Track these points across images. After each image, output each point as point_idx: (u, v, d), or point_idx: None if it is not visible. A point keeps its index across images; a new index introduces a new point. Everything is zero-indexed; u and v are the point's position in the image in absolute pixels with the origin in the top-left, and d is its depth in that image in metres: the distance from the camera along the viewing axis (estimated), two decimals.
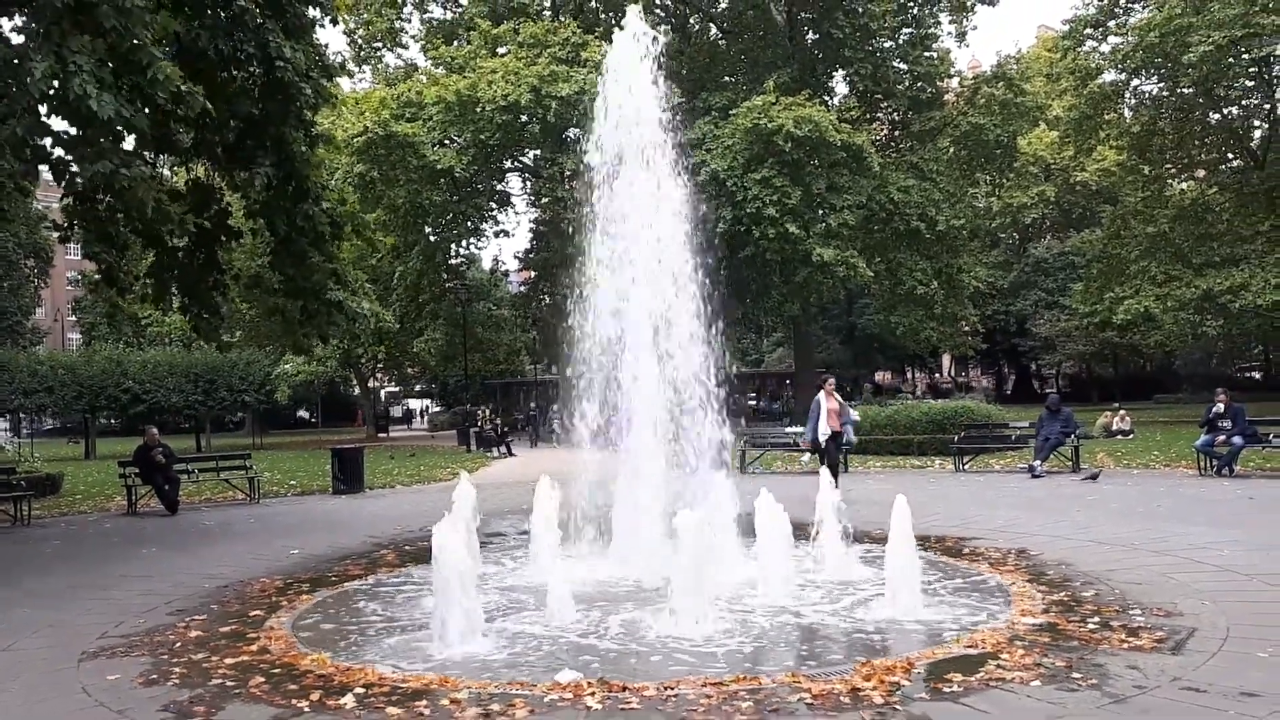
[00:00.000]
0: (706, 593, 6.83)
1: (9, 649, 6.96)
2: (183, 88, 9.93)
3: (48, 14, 9.25)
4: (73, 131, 10.08)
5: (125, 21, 9.33)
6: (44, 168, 11.01)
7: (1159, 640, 6.05)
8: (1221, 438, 15.93)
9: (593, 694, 5.25)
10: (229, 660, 6.36)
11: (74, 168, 10.48)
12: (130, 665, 6.40)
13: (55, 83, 9.11)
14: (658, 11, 37.39)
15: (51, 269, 56.75)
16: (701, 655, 6.13)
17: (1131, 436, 25.33)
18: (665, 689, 5.31)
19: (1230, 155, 33.72)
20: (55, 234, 14.27)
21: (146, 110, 10.24)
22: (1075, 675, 5.38)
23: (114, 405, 38.07)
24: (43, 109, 9.91)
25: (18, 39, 10.40)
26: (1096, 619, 6.66)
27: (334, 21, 14.12)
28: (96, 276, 13.88)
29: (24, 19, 10.40)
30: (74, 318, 68.52)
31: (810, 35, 34.95)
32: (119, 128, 9.74)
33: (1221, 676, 5.28)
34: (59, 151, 10.48)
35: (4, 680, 6.16)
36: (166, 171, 16.65)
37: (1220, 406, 16.16)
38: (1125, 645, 5.97)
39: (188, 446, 34.22)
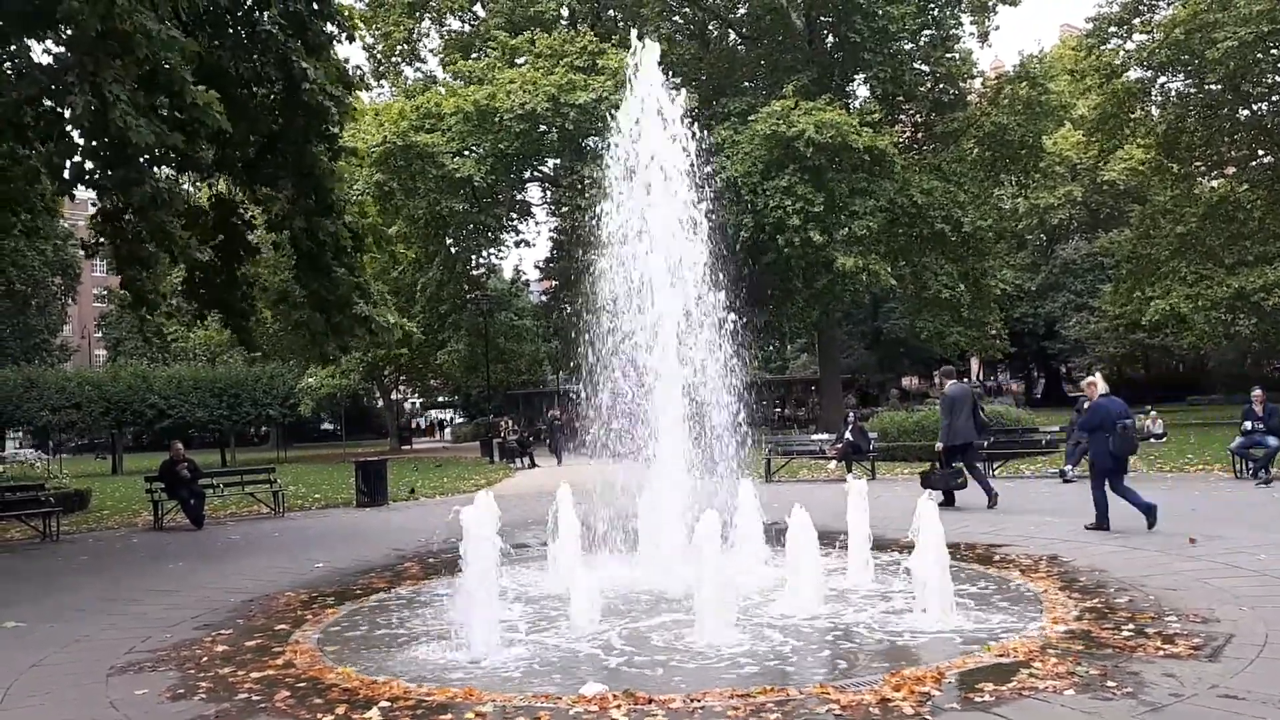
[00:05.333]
0: (732, 602, 6.75)
1: (38, 664, 6.99)
2: (215, 108, 10.07)
3: (83, 43, 9.41)
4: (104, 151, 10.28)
5: (158, 49, 9.48)
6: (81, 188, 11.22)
7: (1196, 647, 5.92)
8: (1241, 440, 15.74)
9: (618, 707, 5.19)
10: (255, 674, 6.36)
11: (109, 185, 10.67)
12: (157, 680, 6.42)
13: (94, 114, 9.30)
14: (676, 19, 37.46)
15: (78, 285, 57.39)
16: (728, 666, 6.06)
17: (1164, 439, 24.95)
18: (692, 701, 5.24)
19: (1260, 151, 33.23)
20: (82, 250, 14.51)
21: (174, 130, 10.40)
22: (1110, 684, 5.27)
23: (140, 421, 38.41)
24: (77, 133, 10.12)
25: (45, 59, 10.58)
26: (1131, 626, 6.53)
27: (350, 38, 14.23)
28: (126, 294, 14.09)
29: (60, 49, 10.57)
30: (100, 334, 69.29)
31: (829, 39, 34.86)
32: (156, 151, 9.94)
33: (1261, 683, 5.16)
34: (89, 168, 10.68)
35: (33, 695, 6.20)
36: (189, 188, 16.85)
37: (1258, 407, 15.85)
38: (1161, 653, 5.85)
39: (213, 461, 34.45)
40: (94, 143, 10.22)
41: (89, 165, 10.54)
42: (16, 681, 6.50)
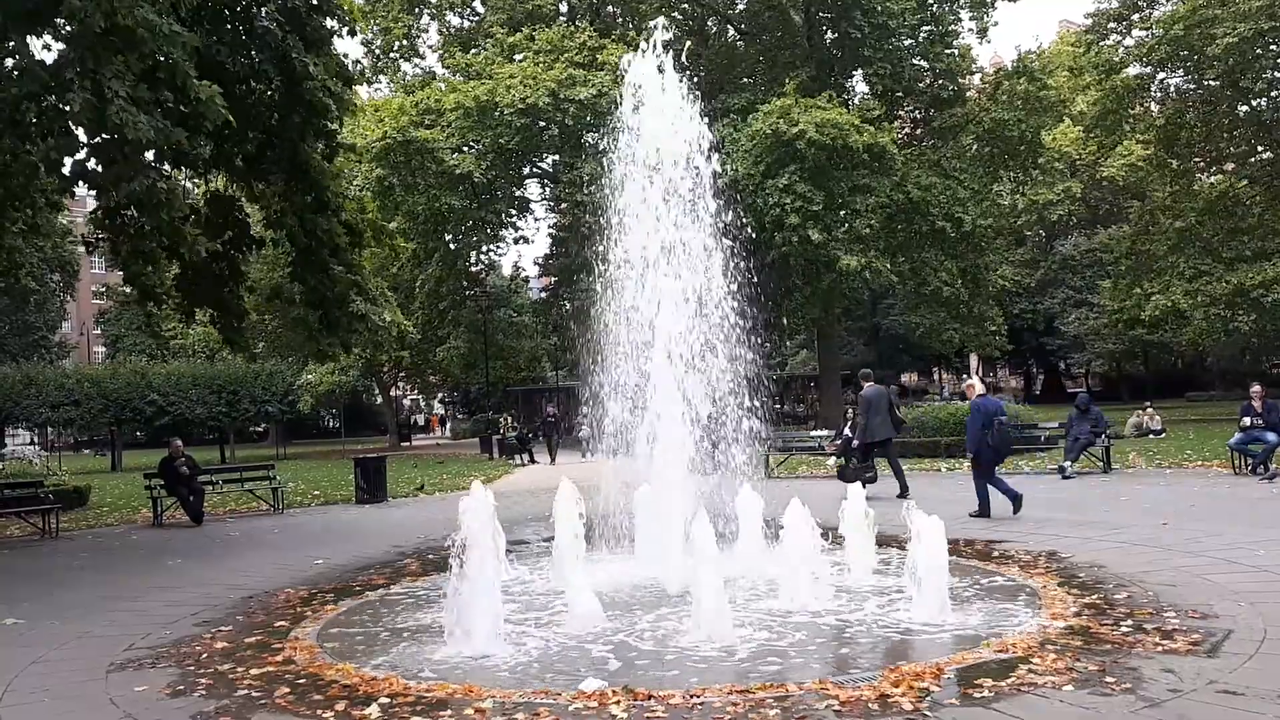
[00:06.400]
0: (729, 598, 6.76)
1: (38, 660, 7.00)
2: (217, 102, 10.06)
3: (85, 40, 9.40)
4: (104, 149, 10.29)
5: (161, 44, 9.48)
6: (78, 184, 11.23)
7: (1194, 643, 5.93)
8: (1239, 435, 15.78)
9: (618, 703, 5.20)
10: (255, 671, 6.36)
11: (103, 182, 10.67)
12: (157, 676, 6.43)
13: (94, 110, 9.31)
14: (675, 15, 37.40)
15: (77, 282, 57.27)
16: (728, 662, 6.07)
17: (1163, 435, 24.99)
18: (691, 697, 5.25)
19: (1260, 147, 33.20)
20: (82, 247, 14.49)
21: (174, 124, 10.38)
22: (1109, 679, 5.28)
23: (139, 418, 38.38)
24: (80, 130, 10.11)
25: (47, 55, 10.58)
26: (1130, 622, 6.54)
27: (351, 33, 14.21)
28: (130, 290, 14.09)
29: (62, 45, 10.56)
30: (99, 331, 69.18)
31: (828, 35, 34.80)
32: (158, 147, 9.94)
33: (1259, 679, 5.17)
34: (91, 165, 10.69)
35: (33, 691, 6.21)
36: (188, 184, 16.83)
37: (1256, 403, 15.81)
38: (1159, 648, 5.86)
39: (212, 458, 34.43)
40: (96, 139, 10.23)
41: (90, 164, 10.55)
42: (16, 678, 6.51)
